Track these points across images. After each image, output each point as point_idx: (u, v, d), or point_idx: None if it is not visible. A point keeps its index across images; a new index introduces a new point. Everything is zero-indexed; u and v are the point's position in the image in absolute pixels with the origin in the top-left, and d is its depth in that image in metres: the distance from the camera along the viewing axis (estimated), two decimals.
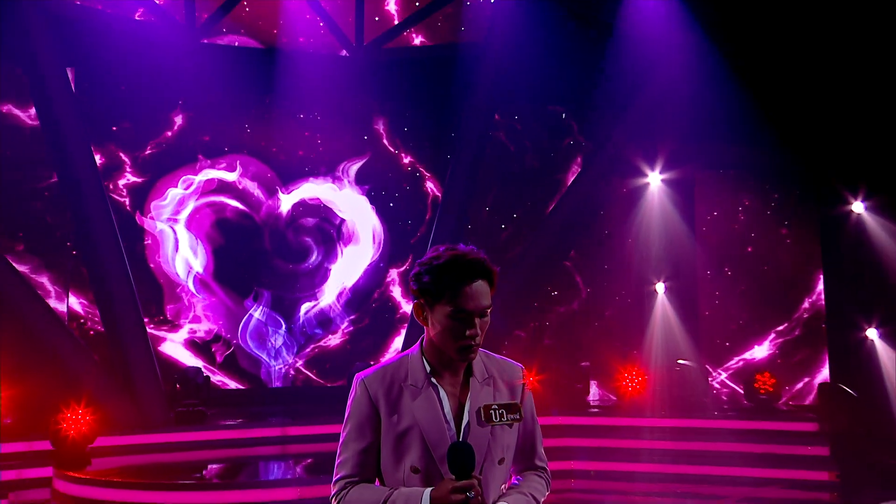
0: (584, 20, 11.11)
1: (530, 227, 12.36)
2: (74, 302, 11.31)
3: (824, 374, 11.31)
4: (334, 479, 2.37)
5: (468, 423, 2.32)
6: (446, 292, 2.26)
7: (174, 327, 12.04)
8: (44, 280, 11.10)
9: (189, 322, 12.14)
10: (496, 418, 2.31)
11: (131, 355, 10.06)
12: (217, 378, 12.02)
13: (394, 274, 12.94)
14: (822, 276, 11.48)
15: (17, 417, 9.19)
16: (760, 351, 12.07)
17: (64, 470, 7.89)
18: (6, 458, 8.41)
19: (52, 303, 10.90)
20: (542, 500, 2.46)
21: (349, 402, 2.37)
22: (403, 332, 12.67)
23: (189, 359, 11.97)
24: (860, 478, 8.72)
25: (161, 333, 11.88)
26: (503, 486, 2.40)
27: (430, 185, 13.13)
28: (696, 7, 10.08)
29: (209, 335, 12.23)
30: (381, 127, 13.06)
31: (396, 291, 12.93)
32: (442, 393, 2.36)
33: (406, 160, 13.13)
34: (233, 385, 12.25)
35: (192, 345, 12.13)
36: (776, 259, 11.98)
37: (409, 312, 12.51)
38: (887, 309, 9.67)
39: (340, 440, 2.38)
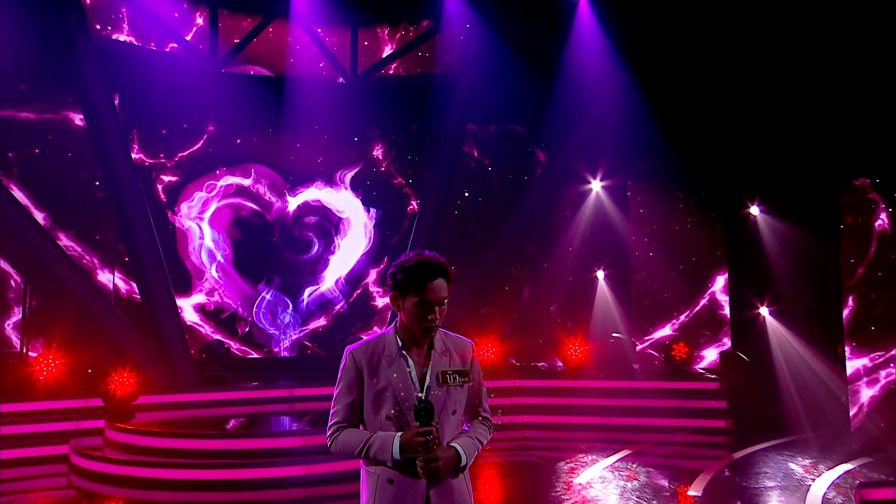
0: (538, 57, 11.15)
1: (495, 227, 12.32)
2: (117, 283, 11.25)
3: (725, 344, 11.54)
4: (329, 424, 2.54)
5: (429, 384, 2.47)
6: (414, 287, 2.42)
7: (200, 305, 12.02)
8: (94, 260, 11.01)
9: (211, 301, 12.10)
10: (451, 381, 2.46)
11: (166, 331, 10.03)
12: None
13: (373, 273, 12.91)
14: (718, 272, 11.75)
15: (74, 380, 9.17)
16: (677, 325, 12.22)
17: (113, 422, 7.98)
18: (67, 412, 8.51)
19: (100, 275, 10.93)
20: (486, 441, 2.61)
21: (341, 368, 2.52)
22: (380, 313, 12.76)
23: (212, 331, 12.02)
24: (750, 425, 9.07)
25: (188, 309, 11.86)
26: (456, 431, 2.54)
27: (408, 192, 12.99)
28: (623, 50, 10.28)
29: (229, 312, 12.17)
30: (371, 142, 12.95)
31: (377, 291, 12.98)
32: (410, 362, 2.50)
33: (391, 171, 12.98)
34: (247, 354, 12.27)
35: (215, 320, 12.08)
36: (692, 252, 12.11)
37: (382, 301, 12.73)
38: (775, 291, 10.03)
39: (334, 396, 2.54)
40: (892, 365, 7.90)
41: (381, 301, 12.89)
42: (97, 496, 6.65)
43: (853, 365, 7.93)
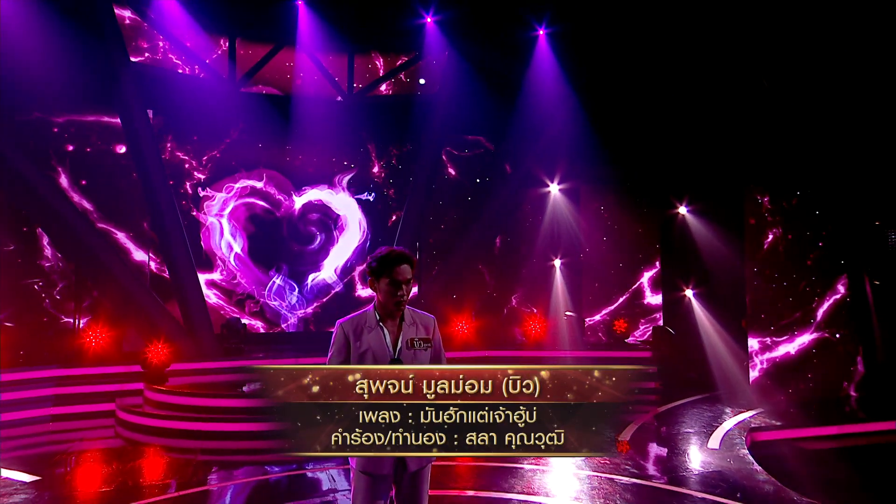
0: (503, 81, 11.41)
1: (468, 223, 12.47)
2: (150, 265, 11.34)
3: (644, 328, 12.14)
4: None
5: (401, 347, 2.68)
6: (385, 271, 2.66)
7: (221, 290, 12.21)
8: (130, 244, 11.15)
9: (229, 283, 12.26)
10: (417, 345, 2.67)
11: (193, 312, 10.30)
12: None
13: (358, 269, 13.00)
14: (650, 266, 12.17)
15: (118, 349, 9.47)
16: (617, 305, 12.68)
17: (150, 384, 8.31)
18: (112, 377, 8.89)
19: (134, 254, 11.08)
20: None
21: (333, 336, 2.72)
22: (363, 302, 12.77)
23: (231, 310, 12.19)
24: (675, 386, 9.48)
25: (211, 292, 12.00)
26: None
27: (394, 199, 13.12)
28: (574, 75, 10.65)
29: (245, 294, 12.40)
30: (364, 150, 13.11)
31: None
32: (385, 331, 2.69)
33: (381, 176, 13.13)
34: (262, 329, 12.48)
35: (233, 301, 12.24)
36: (632, 244, 12.58)
37: (365, 293, 12.94)
38: (699, 277, 10.48)
39: (328, 358, 2.72)
40: (774, 348, 8.38)
41: (364, 292, 13.10)
42: (139, 443, 7.01)
43: (751, 342, 8.47)
